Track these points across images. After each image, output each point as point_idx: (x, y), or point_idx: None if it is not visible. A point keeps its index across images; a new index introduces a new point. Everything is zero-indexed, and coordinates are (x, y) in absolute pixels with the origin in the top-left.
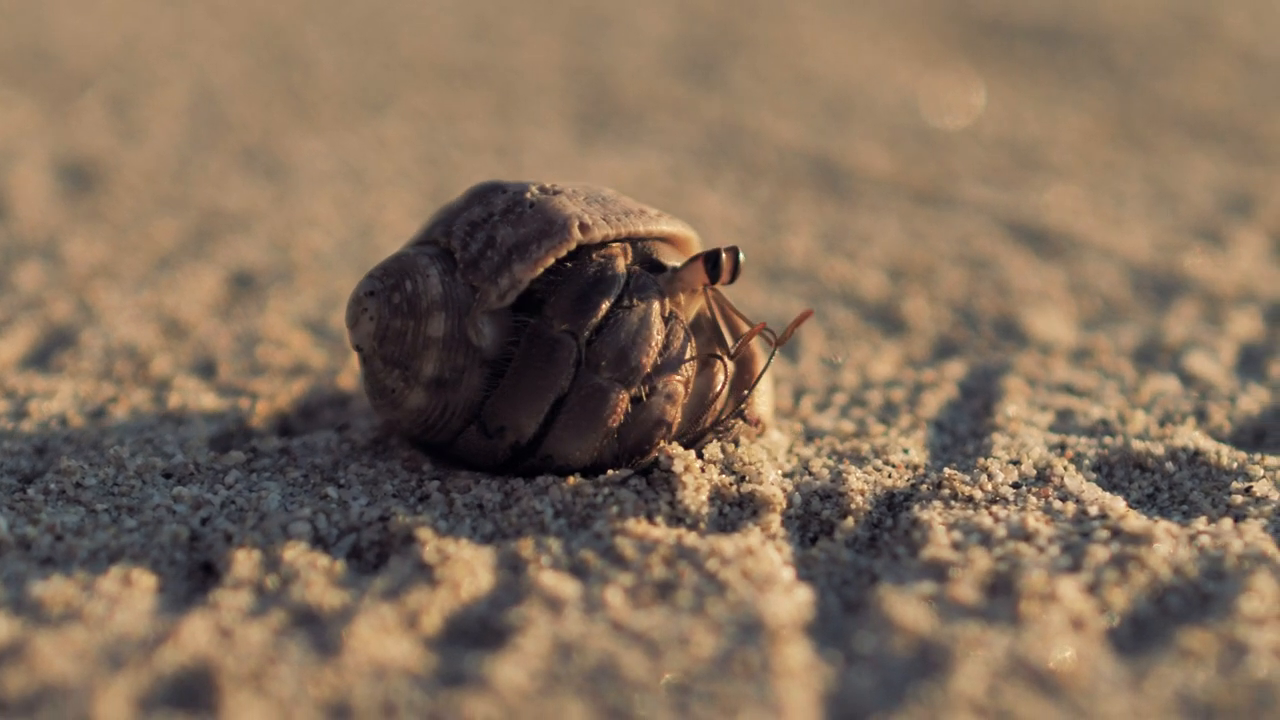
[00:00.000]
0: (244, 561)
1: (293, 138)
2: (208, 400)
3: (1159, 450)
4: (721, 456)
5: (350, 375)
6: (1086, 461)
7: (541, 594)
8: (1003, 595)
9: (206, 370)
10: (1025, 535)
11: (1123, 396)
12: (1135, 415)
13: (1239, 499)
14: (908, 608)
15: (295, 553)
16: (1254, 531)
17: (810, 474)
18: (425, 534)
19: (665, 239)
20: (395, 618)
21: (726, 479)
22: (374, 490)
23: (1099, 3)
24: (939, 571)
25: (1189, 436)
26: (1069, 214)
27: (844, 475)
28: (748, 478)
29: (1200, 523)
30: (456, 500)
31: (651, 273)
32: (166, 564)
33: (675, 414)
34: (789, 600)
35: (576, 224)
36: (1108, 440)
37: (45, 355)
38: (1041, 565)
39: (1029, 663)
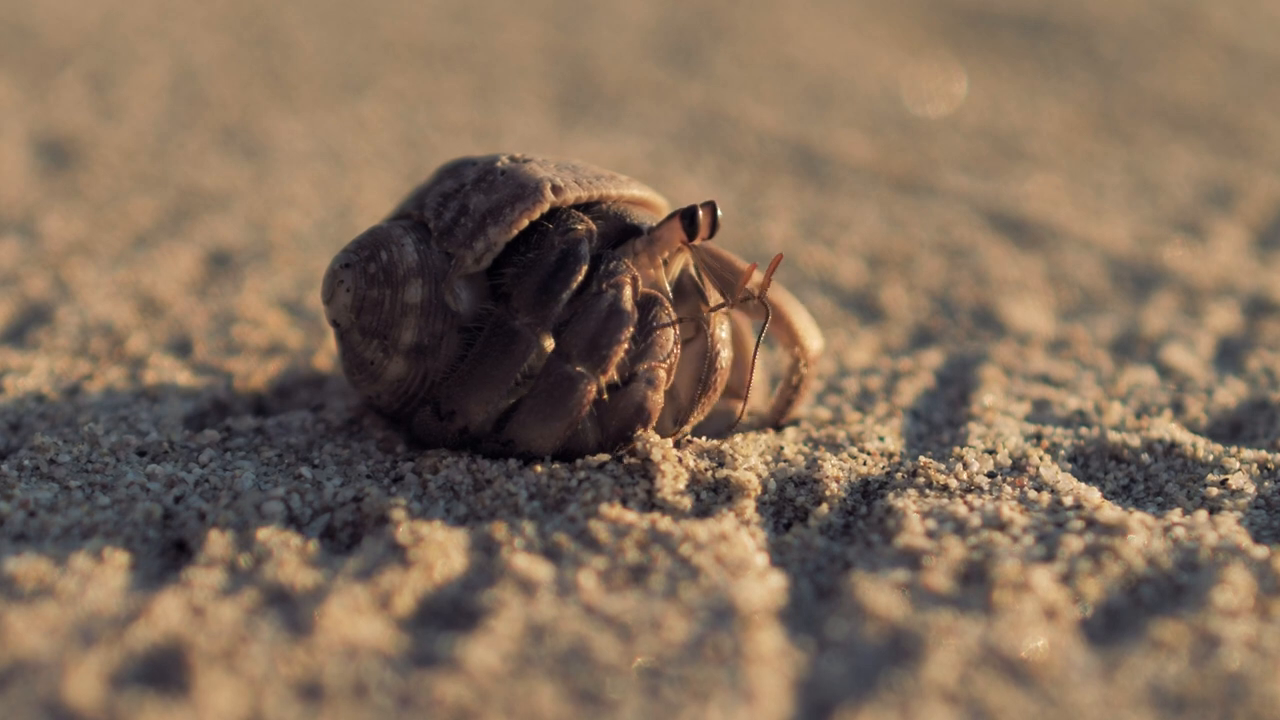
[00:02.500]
0: (217, 540)
1: (272, 117)
2: (183, 378)
3: (1135, 442)
4: (701, 440)
5: (326, 356)
6: (1062, 452)
7: (514, 576)
8: (976, 584)
9: (182, 349)
10: (1000, 524)
11: (1099, 387)
12: (1112, 406)
13: (1214, 491)
14: (880, 595)
15: (268, 532)
16: (1228, 524)
17: (785, 460)
18: (399, 515)
19: (637, 203)
20: (368, 598)
21: (703, 464)
22: (348, 471)
23: None
24: (913, 559)
25: (1165, 428)
26: (1049, 204)
27: (819, 462)
28: (724, 463)
29: (1175, 514)
30: (430, 482)
31: (627, 236)
32: (139, 541)
33: (657, 400)
34: (762, 586)
35: (549, 186)
36: (1084, 431)
37: (21, 331)
38: (1015, 555)
39: (1001, 652)
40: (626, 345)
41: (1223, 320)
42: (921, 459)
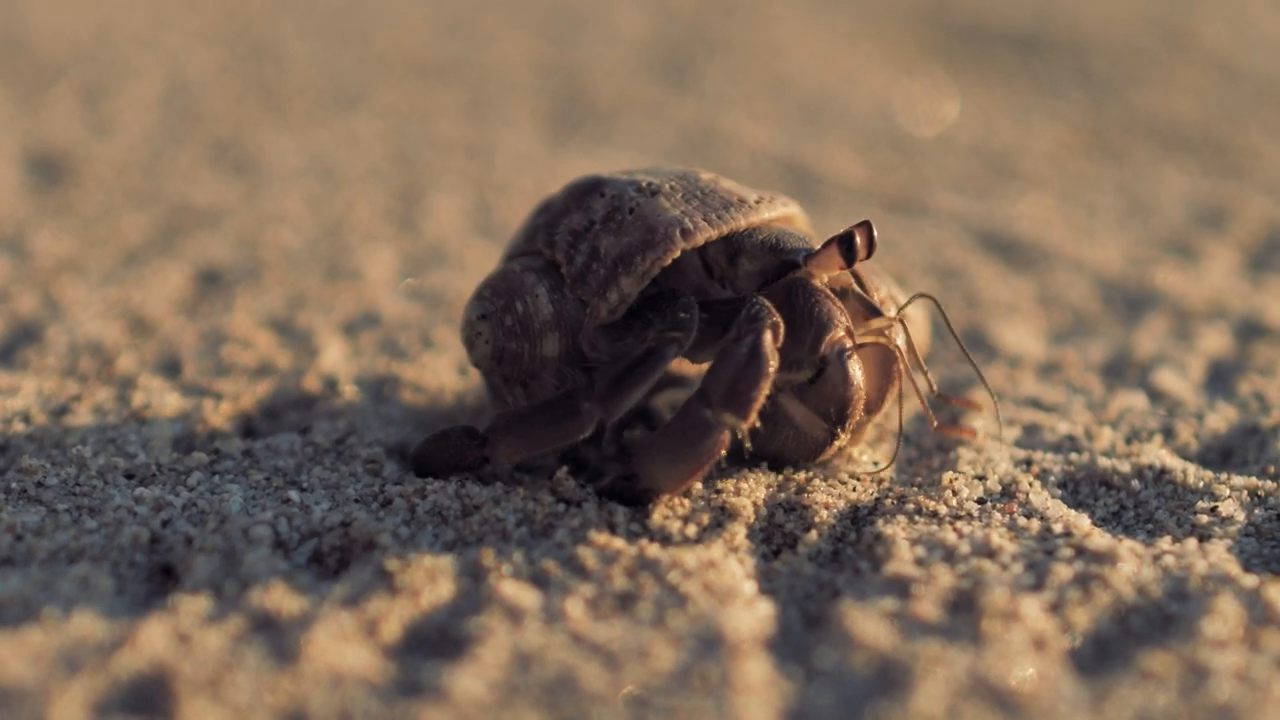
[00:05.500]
0: (204, 565)
1: (264, 132)
2: (172, 400)
3: (1125, 468)
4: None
5: (315, 376)
6: (1052, 478)
7: (502, 603)
8: (964, 613)
9: (171, 369)
10: (989, 552)
11: (1090, 412)
12: (1102, 431)
13: (1204, 519)
14: (869, 624)
15: (256, 557)
16: (1218, 552)
17: (775, 486)
18: (386, 540)
19: (777, 221)
20: (354, 625)
21: (698, 487)
22: (336, 494)
23: (1077, 11)
24: (901, 587)
25: (1156, 454)
26: (1040, 225)
27: (809, 488)
28: (723, 490)
29: (1165, 542)
30: (418, 506)
31: (783, 270)
32: (126, 566)
33: (855, 367)
34: (750, 614)
35: (678, 230)
36: (1074, 456)
37: (10, 351)
38: (1004, 583)
39: (989, 682)
40: (767, 392)
41: (1214, 343)
42: (911, 485)
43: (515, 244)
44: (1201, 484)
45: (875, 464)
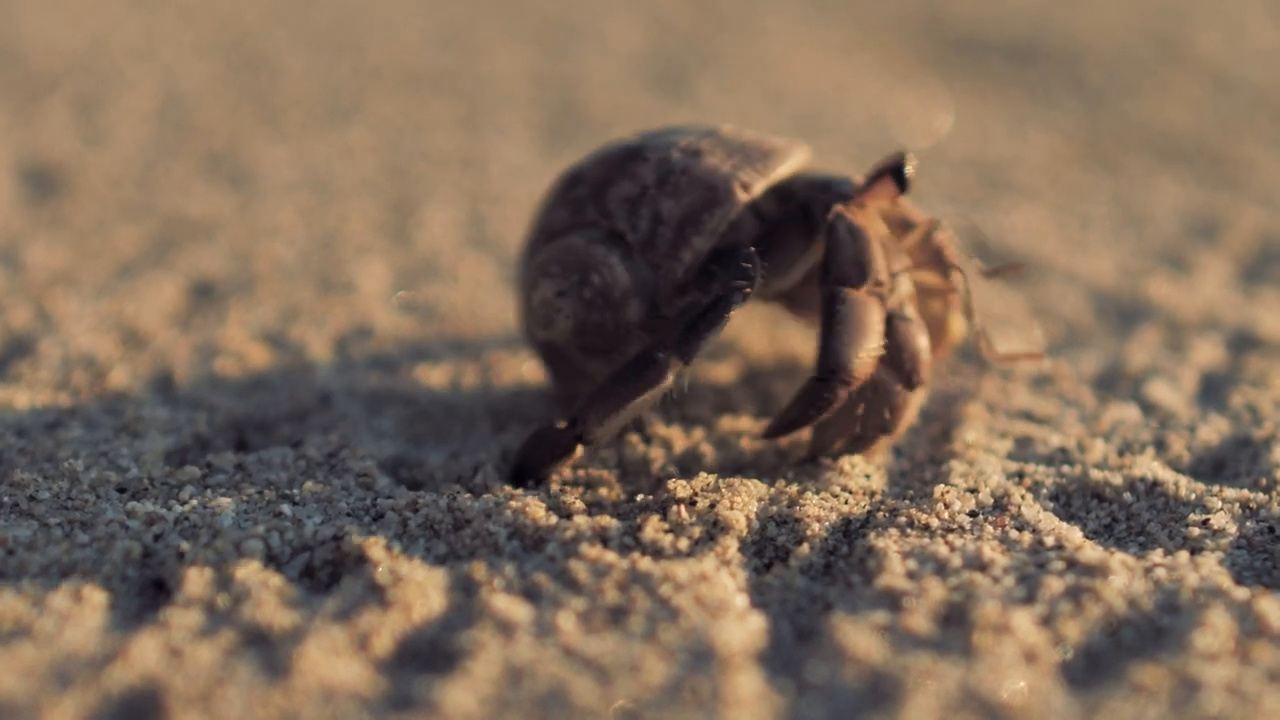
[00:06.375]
0: (196, 579)
1: (259, 144)
2: (164, 413)
3: (1117, 480)
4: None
5: (307, 390)
6: (1044, 490)
7: (493, 617)
8: (956, 626)
9: (164, 382)
10: (980, 565)
11: (1082, 424)
12: (1094, 444)
13: (1196, 531)
14: (860, 637)
15: (247, 571)
16: (1210, 565)
17: (767, 499)
18: (378, 554)
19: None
20: (346, 639)
21: (698, 501)
22: (329, 508)
23: (1071, 21)
24: (893, 601)
25: (1148, 466)
26: (1034, 235)
27: (801, 500)
28: (714, 503)
29: (1156, 555)
30: (410, 520)
31: (828, 199)
32: (118, 580)
33: (916, 326)
34: (741, 628)
35: (737, 185)
36: (1066, 469)
37: (2, 364)
38: (996, 596)
39: (980, 695)
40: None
41: (1206, 355)
42: (903, 498)
43: (555, 219)
44: (1194, 496)
45: (867, 476)
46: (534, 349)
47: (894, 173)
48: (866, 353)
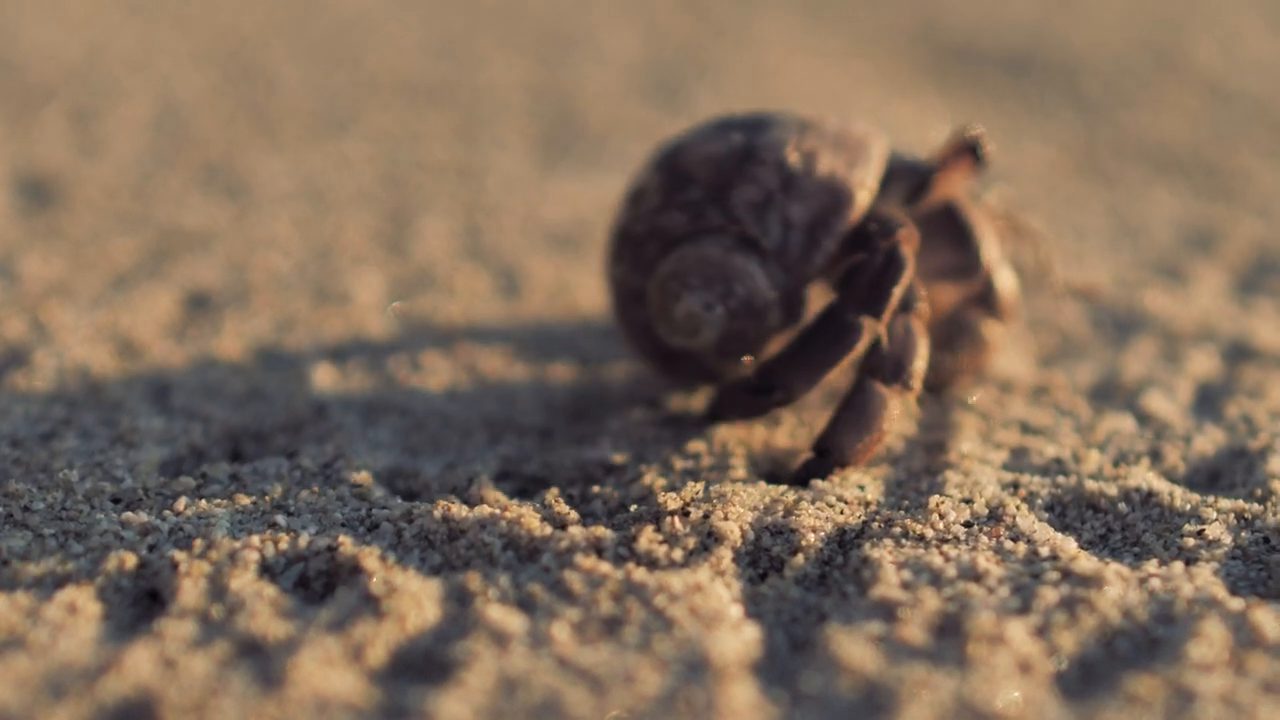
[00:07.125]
0: (190, 590)
1: (255, 155)
2: (159, 424)
3: (1112, 491)
4: (687, 487)
5: (303, 401)
6: (1039, 501)
7: (488, 628)
8: (951, 637)
9: (159, 393)
10: (975, 576)
11: (1078, 435)
12: (1090, 454)
13: (1191, 542)
14: (855, 648)
15: (242, 582)
16: (1205, 575)
17: (762, 509)
18: (373, 565)
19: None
20: (340, 650)
21: (688, 506)
22: (323, 519)
23: (1068, 32)
24: (888, 611)
25: (1143, 477)
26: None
27: (796, 510)
28: (709, 514)
29: (1151, 565)
30: (405, 531)
31: (919, 190)
32: (112, 591)
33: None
34: (736, 638)
35: (861, 190)
36: (1061, 480)
37: None
38: (990, 607)
39: (975, 706)
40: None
41: (1202, 366)
42: (898, 508)
43: (670, 223)
44: (1189, 507)
45: (861, 486)
46: (643, 349)
47: (971, 149)
48: (864, 444)
